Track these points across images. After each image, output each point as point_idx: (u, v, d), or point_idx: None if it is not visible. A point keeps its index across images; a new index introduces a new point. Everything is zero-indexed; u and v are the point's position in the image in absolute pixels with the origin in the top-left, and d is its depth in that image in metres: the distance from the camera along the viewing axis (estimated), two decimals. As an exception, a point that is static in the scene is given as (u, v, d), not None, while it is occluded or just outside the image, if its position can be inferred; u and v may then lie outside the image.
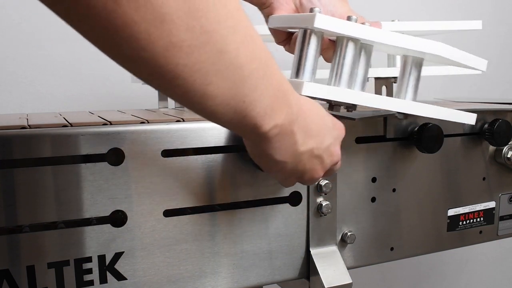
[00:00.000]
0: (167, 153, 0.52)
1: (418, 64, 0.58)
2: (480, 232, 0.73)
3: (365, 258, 0.65)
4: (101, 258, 0.50)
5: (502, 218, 0.75)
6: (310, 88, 0.53)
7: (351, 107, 0.58)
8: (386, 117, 0.63)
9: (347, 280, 0.59)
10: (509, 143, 0.70)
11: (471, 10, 1.37)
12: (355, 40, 0.54)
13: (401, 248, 0.67)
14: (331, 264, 0.60)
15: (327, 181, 0.59)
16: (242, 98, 0.37)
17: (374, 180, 0.63)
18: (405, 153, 0.65)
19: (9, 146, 0.46)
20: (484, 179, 0.72)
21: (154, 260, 0.53)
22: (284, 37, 0.62)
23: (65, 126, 0.49)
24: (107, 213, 0.50)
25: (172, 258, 0.54)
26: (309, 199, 0.60)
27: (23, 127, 0.48)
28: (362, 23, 0.55)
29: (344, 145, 0.61)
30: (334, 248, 0.61)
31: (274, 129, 0.41)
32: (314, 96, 0.54)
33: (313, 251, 0.60)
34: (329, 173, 0.52)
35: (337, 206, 0.61)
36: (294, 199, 0.59)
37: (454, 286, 1.46)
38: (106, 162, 0.49)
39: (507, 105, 0.75)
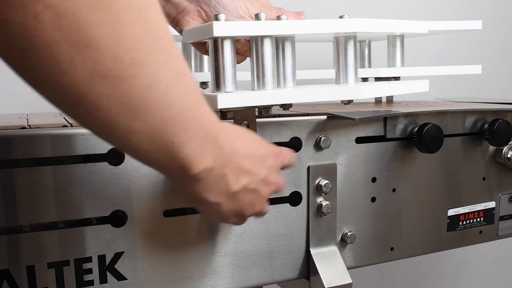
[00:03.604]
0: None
1: (352, 40, 0.56)
2: (480, 232, 0.73)
3: (365, 258, 0.65)
4: (101, 258, 0.50)
5: (502, 218, 0.75)
6: (225, 100, 0.49)
7: (285, 105, 0.55)
8: (386, 117, 0.63)
9: (347, 280, 0.59)
10: (509, 143, 0.70)
11: (471, 10, 1.36)
12: (270, 36, 0.52)
13: (401, 248, 0.67)
14: (331, 264, 0.60)
15: (327, 181, 0.59)
16: (171, 139, 0.35)
17: (374, 180, 0.63)
18: (405, 153, 0.65)
19: (9, 146, 0.46)
20: (484, 179, 0.72)
21: (154, 260, 0.53)
22: (205, 48, 0.60)
23: (65, 126, 0.49)
24: (107, 213, 0.50)
25: (172, 258, 0.54)
26: (309, 199, 0.59)
27: (23, 127, 0.48)
28: (279, 16, 0.52)
29: (344, 145, 0.61)
30: (334, 248, 0.61)
31: (204, 172, 0.39)
32: (232, 106, 0.50)
33: (313, 251, 0.60)
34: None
35: (337, 206, 0.61)
36: (294, 199, 0.59)
37: (454, 286, 1.46)
38: (106, 162, 0.49)
39: (507, 105, 0.75)
